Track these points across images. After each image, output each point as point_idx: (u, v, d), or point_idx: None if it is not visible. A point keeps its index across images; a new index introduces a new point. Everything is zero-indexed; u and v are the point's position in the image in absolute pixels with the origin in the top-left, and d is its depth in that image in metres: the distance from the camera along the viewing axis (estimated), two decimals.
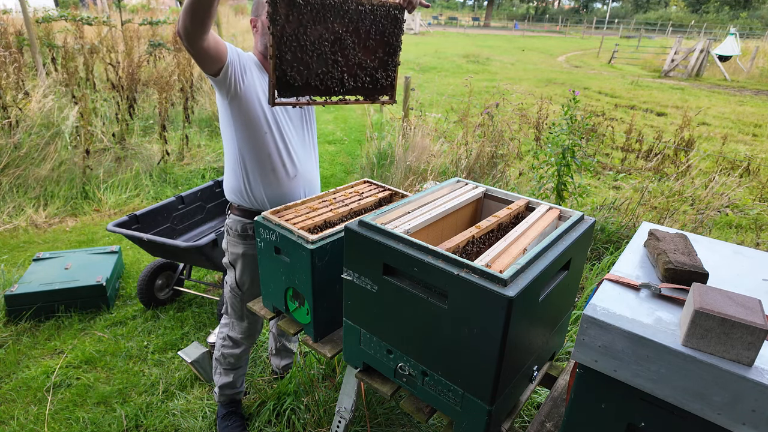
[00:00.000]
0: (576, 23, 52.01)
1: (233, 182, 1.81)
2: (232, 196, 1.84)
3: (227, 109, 1.68)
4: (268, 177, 1.78)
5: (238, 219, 1.84)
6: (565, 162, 3.37)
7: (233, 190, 1.82)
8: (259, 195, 1.79)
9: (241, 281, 1.92)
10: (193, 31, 1.39)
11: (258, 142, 1.72)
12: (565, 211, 1.49)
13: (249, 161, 1.75)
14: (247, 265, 1.89)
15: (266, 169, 1.77)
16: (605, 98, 10.97)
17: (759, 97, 12.05)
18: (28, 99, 5.00)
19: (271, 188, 1.80)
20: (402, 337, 1.31)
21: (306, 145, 1.89)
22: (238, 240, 1.86)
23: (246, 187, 1.78)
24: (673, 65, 15.69)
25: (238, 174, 1.78)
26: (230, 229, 1.87)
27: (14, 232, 3.89)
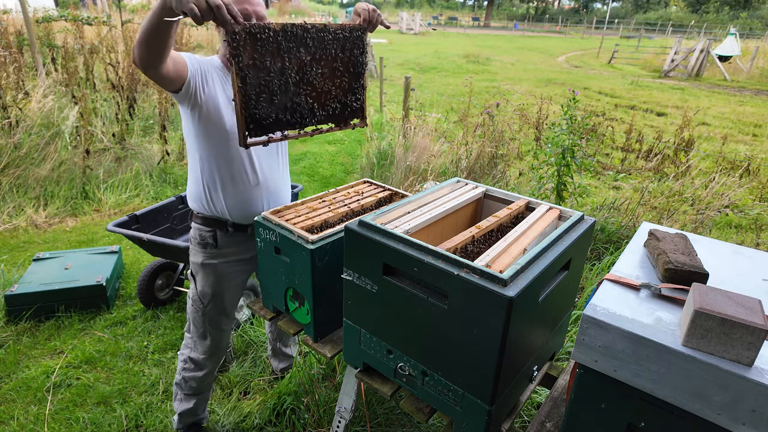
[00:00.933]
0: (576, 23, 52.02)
1: (194, 190, 1.75)
2: (193, 204, 1.78)
3: (189, 117, 1.63)
4: (228, 185, 1.71)
5: (197, 227, 1.79)
6: (565, 162, 3.37)
7: (194, 197, 1.76)
8: (219, 203, 1.73)
9: (203, 293, 1.83)
10: (151, 62, 1.35)
11: (220, 149, 1.66)
12: (565, 211, 1.49)
13: (210, 168, 1.69)
14: (207, 275, 1.81)
15: (227, 176, 1.70)
16: (605, 98, 10.97)
17: (759, 97, 12.05)
18: (28, 99, 5.00)
19: (230, 196, 1.73)
20: (402, 337, 1.31)
21: (272, 154, 1.82)
22: (197, 249, 1.80)
23: (206, 195, 1.72)
24: (673, 65, 15.69)
25: (199, 181, 1.72)
26: (192, 238, 1.82)
27: (14, 232, 3.89)
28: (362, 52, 1.58)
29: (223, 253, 1.80)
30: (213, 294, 1.84)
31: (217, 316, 1.88)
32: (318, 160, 6.11)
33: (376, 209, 1.68)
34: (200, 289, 1.83)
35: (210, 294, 1.83)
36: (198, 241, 1.79)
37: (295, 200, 2.97)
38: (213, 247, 1.79)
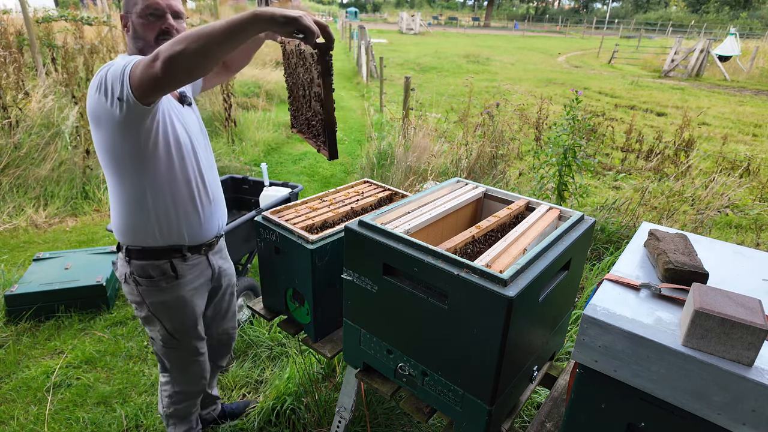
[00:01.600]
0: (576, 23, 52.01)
1: (133, 222, 1.48)
2: (132, 238, 1.51)
3: (134, 139, 1.35)
4: (188, 207, 1.52)
5: (142, 264, 1.52)
6: (566, 162, 3.37)
7: (135, 231, 1.49)
8: (176, 230, 1.52)
9: (176, 330, 1.64)
10: (182, 80, 1.17)
11: (173, 169, 1.45)
12: (565, 211, 1.49)
13: (162, 194, 1.46)
14: (178, 309, 1.61)
15: (186, 198, 1.51)
16: (605, 98, 10.97)
17: (759, 97, 12.05)
18: (28, 99, 5.00)
19: (190, 220, 1.54)
20: (402, 337, 1.31)
21: (213, 167, 1.67)
22: (151, 288, 1.55)
23: (158, 225, 1.48)
24: (673, 65, 15.69)
25: (143, 211, 1.46)
26: (138, 277, 1.53)
27: (14, 232, 3.88)
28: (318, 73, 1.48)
29: (185, 281, 1.60)
30: (188, 327, 1.66)
31: (194, 344, 1.71)
32: (318, 160, 6.11)
33: (376, 209, 1.68)
34: (171, 327, 1.62)
35: (185, 328, 1.65)
36: (149, 279, 1.54)
37: (295, 200, 2.98)
38: (174, 279, 1.56)
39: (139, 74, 1.18)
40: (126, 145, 1.35)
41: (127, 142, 1.35)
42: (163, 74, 1.13)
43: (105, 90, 1.26)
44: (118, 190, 1.46)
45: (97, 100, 1.29)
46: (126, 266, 1.55)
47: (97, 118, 1.33)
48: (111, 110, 1.27)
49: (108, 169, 1.43)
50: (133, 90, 1.21)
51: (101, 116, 1.31)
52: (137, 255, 1.53)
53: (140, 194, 1.44)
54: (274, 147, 6.58)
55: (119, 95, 1.24)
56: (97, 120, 1.33)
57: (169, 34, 1.41)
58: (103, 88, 1.26)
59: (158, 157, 1.41)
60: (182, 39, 1.10)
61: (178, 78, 1.15)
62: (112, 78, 1.24)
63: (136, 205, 1.46)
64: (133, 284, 1.55)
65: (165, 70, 1.12)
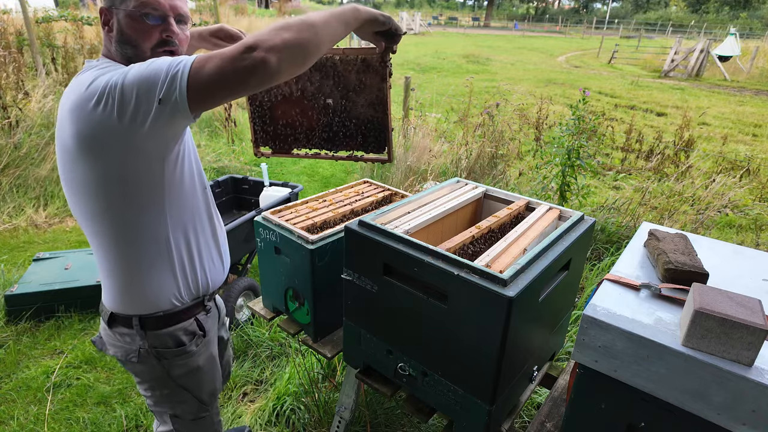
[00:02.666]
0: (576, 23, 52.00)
1: (150, 283, 1.17)
2: (146, 305, 1.19)
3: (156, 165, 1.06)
4: (210, 248, 1.28)
5: (173, 330, 1.23)
6: (570, 163, 3.37)
7: (151, 294, 1.18)
8: (202, 277, 1.26)
9: (208, 394, 1.39)
10: (297, 68, 0.98)
11: (198, 202, 1.22)
12: (565, 211, 1.49)
13: (185, 235, 1.19)
14: (210, 369, 1.37)
15: (207, 237, 1.27)
16: (605, 98, 10.97)
17: (759, 97, 12.05)
18: (28, 99, 5.00)
19: (213, 262, 1.31)
20: (402, 337, 1.31)
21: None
22: (182, 355, 1.26)
23: (182, 277, 1.21)
24: (673, 65, 15.69)
25: (163, 265, 1.17)
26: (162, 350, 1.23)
27: (14, 232, 3.88)
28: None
29: (211, 336, 1.36)
30: (218, 386, 1.44)
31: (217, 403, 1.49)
32: (318, 161, 6.10)
33: (376, 209, 1.68)
34: (205, 392, 1.37)
35: (216, 388, 1.43)
36: (178, 348, 1.25)
37: (295, 200, 2.98)
38: (203, 337, 1.31)
39: (215, 70, 0.92)
40: (143, 174, 1.05)
41: (145, 169, 1.04)
42: (278, 65, 0.92)
43: (119, 102, 0.95)
44: (122, 245, 1.12)
45: (100, 117, 0.96)
46: (138, 340, 1.21)
47: (95, 142, 0.99)
48: (128, 127, 0.96)
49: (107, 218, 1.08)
50: (190, 93, 0.93)
51: (104, 139, 0.98)
52: (157, 324, 1.21)
53: (160, 242, 1.14)
54: None
55: (162, 96, 0.93)
56: (97, 146, 0.99)
57: (169, 44, 1.12)
58: (114, 100, 0.95)
59: (184, 188, 1.14)
60: (285, 27, 0.94)
61: (289, 71, 0.96)
62: (136, 84, 0.95)
63: (151, 262, 1.15)
64: (154, 360, 1.23)
65: (278, 60, 0.91)
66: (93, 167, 1.02)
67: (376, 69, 1.36)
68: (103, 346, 1.30)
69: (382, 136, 1.45)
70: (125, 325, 1.22)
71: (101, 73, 1.01)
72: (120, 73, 0.98)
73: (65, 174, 1.09)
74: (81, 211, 1.11)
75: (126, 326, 1.22)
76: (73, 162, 1.04)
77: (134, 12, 1.08)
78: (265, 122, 1.55)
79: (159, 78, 0.94)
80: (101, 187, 1.05)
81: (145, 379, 1.29)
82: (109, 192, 1.05)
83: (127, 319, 1.21)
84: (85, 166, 1.02)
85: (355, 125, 1.46)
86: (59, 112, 1.08)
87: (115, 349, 1.26)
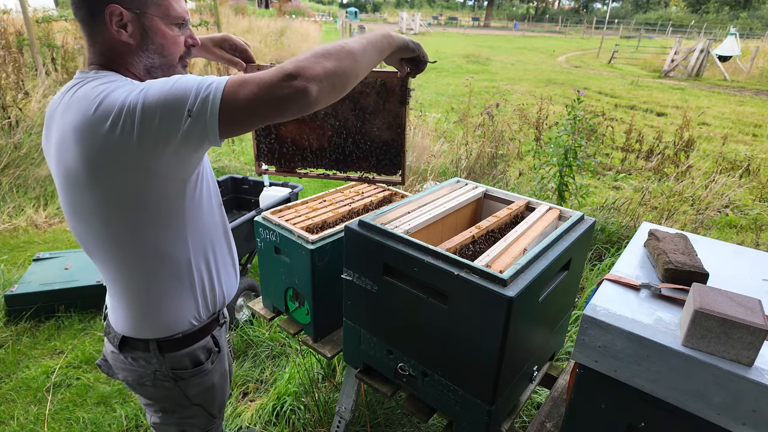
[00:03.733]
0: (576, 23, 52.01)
1: (169, 307, 1.12)
2: (163, 329, 1.13)
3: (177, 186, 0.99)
4: (226, 262, 1.24)
5: (192, 350, 1.18)
6: (567, 162, 3.37)
7: (170, 318, 1.12)
8: (219, 292, 1.22)
9: (218, 406, 1.35)
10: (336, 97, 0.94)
11: (214, 218, 1.17)
12: (565, 211, 1.49)
13: (204, 253, 1.14)
14: (223, 382, 1.34)
15: (224, 252, 1.23)
16: (605, 98, 10.97)
17: (759, 97, 12.05)
18: (28, 99, 5.00)
19: (229, 276, 1.27)
20: (402, 337, 1.31)
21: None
22: (199, 374, 1.22)
23: (201, 296, 1.16)
24: (673, 65, 15.69)
25: (182, 286, 1.11)
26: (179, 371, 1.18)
27: (14, 232, 3.88)
28: None
29: (223, 352, 1.32)
30: (227, 396, 1.41)
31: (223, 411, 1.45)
32: None
33: (376, 209, 1.68)
34: (216, 405, 1.33)
35: (225, 400, 1.39)
36: (195, 368, 1.20)
37: (295, 200, 2.98)
38: (218, 353, 1.27)
39: (252, 97, 0.85)
40: (163, 199, 0.98)
41: (163, 193, 0.97)
42: (317, 95, 0.87)
43: (139, 124, 0.87)
44: (141, 275, 1.06)
45: (116, 141, 0.88)
46: (154, 363, 1.15)
47: (109, 167, 0.91)
48: (149, 151, 0.89)
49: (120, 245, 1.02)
50: (222, 118, 0.86)
51: (120, 163, 0.90)
52: (175, 346, 1.16)
53: (181, 266, 1.09)
54: None
55: (191, 120, 0.86)
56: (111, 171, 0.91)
57: (189, 54, 1.10)
58: (133, 122, 0.87)
59: (203, 209, 1.10)
60: (326, 55, 0.90)
61: (327, 100, 0.91)
62: (159, 106, 0.86)
63: (171, 286, 1.09)
64: (171, 382, 1.18)
65: (319, 90, 0.87)
66: (105, 193, 0.94)
67: (395, 93, 1.36)
68: (110, 369, 1.23)
69: (396, 159, 1.45)
70: (140, 349, 1.15)
71: (109, 90, 0.91)
72: (137, 91, 0.88)
73: (69, 198, 1.00)
74: (90, 238, 1.03)
75: (141, 350, 1.15)
76: (80, 187, 0.95)
77: (171, 18, 1.00)
78: (270, 140, 1.51)
79: (187, 100, 0.86)
80: (115, 213, 0.97)
81: (158, 401, 1.23)
82: (124, 218, 0.97)
83: (142, 343, 1.14)
84: (96, 191, 0.94)
85: (369, 147, 1.46)
86: (57, 125, 0.97)
87: (126, 374, 1.19)
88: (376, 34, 1.05)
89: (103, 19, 0.95)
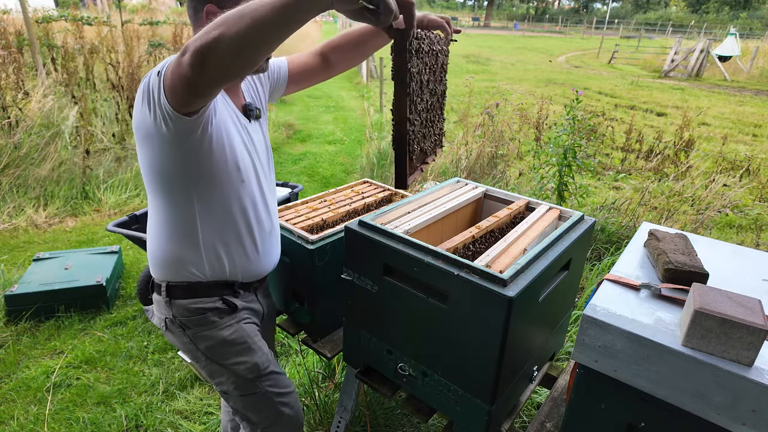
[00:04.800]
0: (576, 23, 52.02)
1: (179, 252, 1.22)
2: (173, 272, 1.24)
3: (181, 157, 1.10)
4: (245, 238, 1.27)
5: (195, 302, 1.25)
6: (566, 162, 3.37)
7: (179, 262, 1.23)
8: (230, 265, 1.27)
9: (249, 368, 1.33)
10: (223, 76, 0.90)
11: (230, 196, 1.21)
12: (565, 211, 1.49)
13: (216, 222, 1.21)
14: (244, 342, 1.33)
15: (243, 227, 1.26)
16: (605, 98, 10.97)
17: (759, 97, 12.05)
18: (28, 99, 5.00)
19: (246, 255, 1.29)
20: (402, 338, 1.31)
21: (273, 189, 1.41)
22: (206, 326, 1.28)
23: (206, 258, 1.24)
24: (673, 65, 15.69)
25: (191, 241, 1.21)
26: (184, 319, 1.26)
27: (14, 232, 3.88)
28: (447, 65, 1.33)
29: (242, 314, 1.35)
30: (263, 360, 1.36)
31: (281, 380, 1.41)
32: (318, 160, 6.11)
33: (376, 209, 1.68)
34: (244, 366, 1.32)
35: (260, 362, 1.35)
36: (199, 317, 1.27)
37: (295, 200, 2.98)
38: (229, 312, 1.30)
39: (170, 76, 0.93)
40: (174, 165, 1.11)
41: (175, 160, 1.10)
42: (192, 72, 0.86)
43: (149, 100, 1.02)
44: (162, 216, 1.20)
45: (141, 112, 1.05)
46: (166, 309, 1.26)
47: (143, 133, 1.08)
48: (156, 124, 1.03)
49: (153, 191, 1.18)
50: (167, 96, 0.96)
51: (148, 131, 1.06)
52: (181, 293, 1.25)
53: (189, 223, 1.19)
54: (275, 147, 6.58)
55: (156, 103, 1.00)
56: (145, 136, 1.08)
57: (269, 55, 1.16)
58: (147, 97, 1.03)
59: (212, 181, 1.16)
60: (219, 23, 0.83)
61: (211, 77, 0.88)
62: (152, 84, 1.01)
63: (183, 235, 1.20)
64: (180, 330, 1.27)
65: (194, 66, 0.84)
66: (142, 151, 1.13)
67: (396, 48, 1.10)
68: (152, 314, 1.37)
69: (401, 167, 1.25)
70: (158, 292, 1.29)
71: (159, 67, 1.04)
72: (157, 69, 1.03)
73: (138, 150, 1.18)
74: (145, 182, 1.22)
75: (159, 293, 1.28)
76: (137, 146, 1.15)
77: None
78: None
79: (156, 79, 1.00)
80: (147, 167, 1.15)
81: (184, 350, 1.34)
82: (152, 173, 1.15)
83: (159, 287, 1.28)
84: (140, 150, 1.14)
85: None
86: None
87: (155, 318, 1.34)
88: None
89: (203, 16, 1.10)
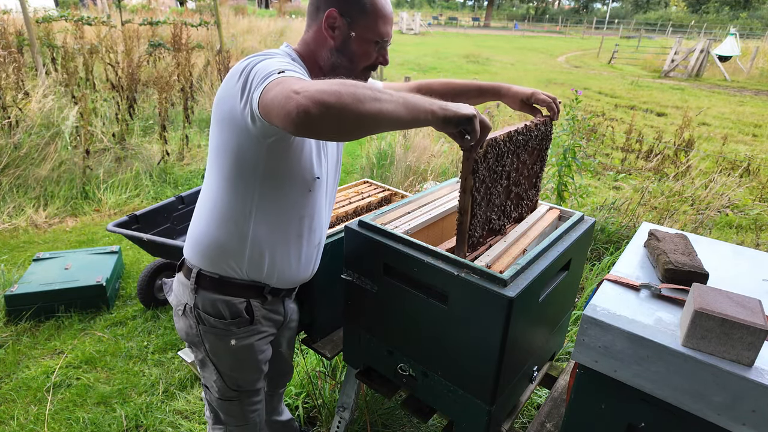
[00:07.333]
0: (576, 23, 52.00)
1: (222, 240, 1.20)
2: (210, 261, 1.22)
3: (258, 154, 1.09)
4: (292, 245, 1.25)
5: (222, 299, 1.24)
6: (566, 162, 3.37)
7: (219, 251, 1.21)
8: (269, 266, 1.24)
9: (236, 382, 1.35)
10: (330, 132, 0.90)
11: (291, 202, 1.19)
12: (565, 211, 1.49)
13: (265, 221, 1.19)
14: (245, 359, 1.32)
15: (289, 235, 1.24)
16: (605, 98, 10.97)
17: (759, 97, 12.06)
18: (28, 99, 5.00)
19: (288, 260, 1.26)
20: (402, 338, 1.31)
21: (332, 201, 1.40)
22: (220, 329, 1.26)
23: (249, 253, 1.21)
24: (673, 65, 15.69)
25: (238, 231, 1.19)
26: (204, 314, 1.25)
27: (14, 232, 3.88)
28: (549, 144, 1.47)
29: (258, 328, 1.32)
30: (252, 379, 1.37)
31: (255, 398, 1.42)
32: None
33: (376, 209, 1.68)
34: (232, 379, 1.34)
35: (248, 381, 1.37)
36: (217, 320, 1.25)
37: None
38: (247, 324, 1.28)
39: (271, 99, 0.89)
40: (248, 156, 1.10)
41: (251, 153, 1.09)
42: (298, 117, 0.82)
43: (244, 87, 1.00)
44: (218, 201, 1.18)
45: (234, 89, 1.03)
46: (189, 296, 1.25)
47: (227, 111, 1.06)
48: (243, 114, 1.03)
49: (217, 174, 1.16)
50: (259, 106, 0.94)
51: (233, 113, 1.05)
52: (210, 285, 1.23)
53: (244, 215, 1.17)
54: None
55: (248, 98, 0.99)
56: (229, 116, 1.06)
57: (375, 67, 1.21)
58: (243, 82, 1.00)
59: (279, 184, 1.15)
60: (351, 92, 0.83)
61: (310, 129, 0.85)
62: (255, 74, 0.99)
63: (234, 225, 1.18)
64: (194, 321, 1.26)
65: (304, 113, 0.81)
66: (220, 130, 1.11)
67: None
68: (170, 290, 1.36)
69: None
70: (186, 275, 1.27)
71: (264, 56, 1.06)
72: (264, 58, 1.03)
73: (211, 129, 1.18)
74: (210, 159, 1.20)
75: (186, 276, 1.27)
76: (214, 121, 1.14)
77: (372, 36, 1.13)
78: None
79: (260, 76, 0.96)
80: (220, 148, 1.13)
81: (184, 335, 1.32)
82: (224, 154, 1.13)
83: (189, 270, 1.26)
84: (217, 128, 1.12)
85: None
86: None
87: (173, 296, 1.33)
88: (425, 99, 0.93)
89: (323, 17, 1.12)
